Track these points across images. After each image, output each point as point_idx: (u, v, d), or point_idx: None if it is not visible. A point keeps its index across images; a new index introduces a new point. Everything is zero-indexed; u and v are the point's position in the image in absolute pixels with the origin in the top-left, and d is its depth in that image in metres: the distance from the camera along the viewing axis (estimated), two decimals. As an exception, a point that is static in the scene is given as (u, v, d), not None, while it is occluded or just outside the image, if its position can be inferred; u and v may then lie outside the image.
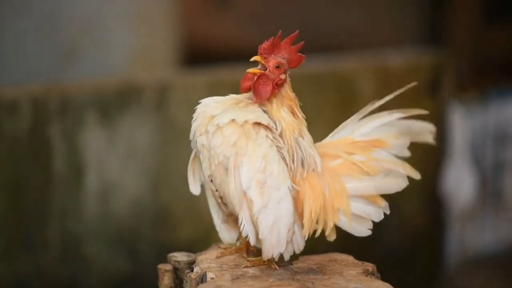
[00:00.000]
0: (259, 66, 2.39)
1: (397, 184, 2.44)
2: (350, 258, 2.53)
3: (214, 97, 2.43)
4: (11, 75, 4.46)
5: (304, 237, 2.40)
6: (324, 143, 2.49)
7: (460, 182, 5.20)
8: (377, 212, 2.45)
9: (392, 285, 2.34)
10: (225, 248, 2.55)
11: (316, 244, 2.57)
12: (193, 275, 2.43)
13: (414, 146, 2.54)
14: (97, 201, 4.10)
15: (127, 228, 4.16)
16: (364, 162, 2.42)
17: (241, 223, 2.35)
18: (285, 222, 2.34)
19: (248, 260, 2.46)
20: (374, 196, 2.44)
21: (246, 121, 2.34)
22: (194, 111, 2.46)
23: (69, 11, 4.57)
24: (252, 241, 2.37)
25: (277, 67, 2.37)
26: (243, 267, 2.43)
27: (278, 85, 2.38)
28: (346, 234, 2.67)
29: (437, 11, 5.97)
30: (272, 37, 2.40)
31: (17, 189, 3.96)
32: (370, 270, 2.46)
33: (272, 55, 2.38)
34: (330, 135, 2.50)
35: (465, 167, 5.26)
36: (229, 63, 4.72)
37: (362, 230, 2.45)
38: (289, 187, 2.34)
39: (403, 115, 2.48)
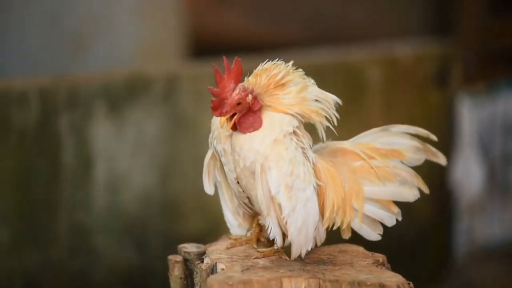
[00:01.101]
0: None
1: (411, 194, 2.52)
2: (361, 249, 2.53)
3: None
4: (19, 68, 4.46)
5: (324, 228, 2.43)
6: (345, 142, 2.50)
7: (468, 173, 5.19)
8: (390, 217, 2.50)
9: (401, 276, 2.36)
10: (235, 239, 2.55)
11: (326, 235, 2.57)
12: (203, 266, 2.43)
13: (423, 138, 2.56)
14: (106, 193, 4.10)
15: (136, 220, 4.16)
16: (382, 168, 2.46)
17: (268, 227, 2.38)
18: (312, 221, 2.37)
19: (258, 251, 2.46)
20: (388, 202, 2.49)
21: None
22: (202, 102, 2.45)
23: (77, 3, 4.57)
24: (280, 243, 2.40)
25: (239, 103, 2.33)
26: (254, 258, 2.43)
27: (256, 106, 2.34)
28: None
29: (445, 2, 5.96)
30: (211, 90, 2.35)
31: (26, 181, 3.97)
32: (381, 261, 2.45)
33: (225, 102, 2.33)
34: (352, 139, 2.51)
35: (473, 158, 5.26)
36: (236, 54, 4.71)
37: (373, 234, 2.50)
38: (314, 186, 2.37)
39: (422, 133, 2.52)
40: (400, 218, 2.51)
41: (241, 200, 2.47)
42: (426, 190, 2.53)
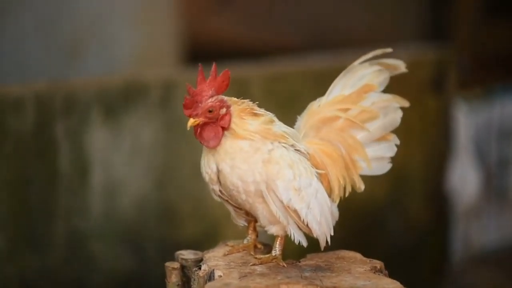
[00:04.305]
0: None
1: (397, 117, 2.55)
2: (358, 256, 2.54)
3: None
4: (15, 73, 4.46)
5: (336, 202, 2.50)
6: (319, 108, 2.52)
7: (464, 179, 5.20)
8: (390, 147, 2.56)
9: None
10: (232, 246, 2.55)
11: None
12: (201, 273, 2.43)
13: (419, 143, 2.58)
14: (103, 199, 4.10)
15: (132, 226, 4.16)
16: (362, 113, 2.51)
17: (291, 235, 2.42)
18: (327, 207, 2.44)
19: (256, 258, 2.46)
20: (382, 136, 2.55)
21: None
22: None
23: (73, 9, 4.57)
24: (305, 243, 2.44)
25: (210, 111, 2.36)
26: (251, 265, 2.43)
27: (225, 123, 2.37)
28: (351, 232, 2.68)
29: (440, 7, 5.96)
30: (188, 88, 2.38)
31: (22, 187, 3.96)
32: (378, 267, 2.46)
33: (198, 105, 2.36)
34: (326, 95, 2.55)
35: (470, 163, 5.26)
36: (233, 60, 4.72)
37: (383, 166, 2.56)
38: (316, 176, 2.43)
39: (374, 55, 2.58)
40: (398, 142, 2.55)
41: (239, 215, 2.52)
42: (406, 104, 2.56)
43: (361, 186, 2.54)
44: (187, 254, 2.57)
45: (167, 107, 4.20)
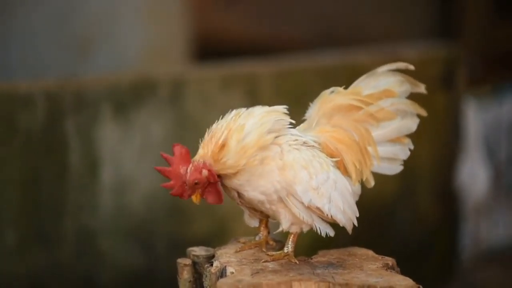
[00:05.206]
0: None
1: (413, 123, 2.56)
2: (370, 252, 2.53)
3: None
4: (26, 70, 4.46)
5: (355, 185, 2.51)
6: (333, 96, 2.51)
7: (474, 176, 5.19)
8: (403, 150, 2.57)
9: (407, 279, 2.36)
10: (244, 243, 2.55)
11: (334, 239, 2.57)
12: (213, 269, 2.43)
13: (429, 141, 2.59)
14: (112, 195, 4.10)
15: (142, 223, 4.16)
16: (380, 110, 2.52)
17: (317, 230, 2.43)
18: (348, 193, 2.45)
19: (267, 255, 2.46)
20: (397, 137, 2.57)
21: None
22: (208, 105, 2.48)
23: (83, 6, 4.57)
24: (332, 233, 2.45)
25: (196, 183, 2.37)
26: (263, 262, 2.43)
27: (214, 179, 2.37)
28: (361, 229, 2.68)
29: (449, 4, 5.95)
30: (166, 186, 2.41)
31: (32, 183, 3.97)
32: (390, 264, 2.45)
33: (184, 185, 2.38)
34: (342, 88, 2.55)
35: (479, 160, 5.25)
36: (242, 57, 4.72)
37: (395, 167, 2.57)
38: (332, 166, 2.43)
39: (398, 67, 2.58)
40: (412, 146, 2.57)
41: (254, 215, 2.53)
42: (424, 113, 2.57)
43: (371, 182, 2.54)
44: (198, 251, 2.56)
45: (177, 104, 4.21)
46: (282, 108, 2.43)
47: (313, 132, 2.49)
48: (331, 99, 2.52)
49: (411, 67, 2.57)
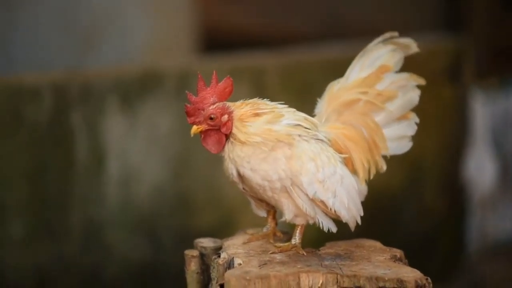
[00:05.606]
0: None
1: (415, 95, 2.57)
2: (378, 244, 2.53)
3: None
4: (32, 62, 4.46)
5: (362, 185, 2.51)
6: (340, 92, 2.53)
7: (481, 169, 5.18)
8: (410, 125, 2.58)
9: (414, 272, 2.36)
10: (251, 234, 2.55)
11: (340, 231, 2.57)
12: (220, 261, 2.43)
13: (436, 133, 2.59)
14: (119, 188, 4.10)
15: (148, 215, 4.16)
16: (381, 93, 2.53)
17: (319, 224, 2.44)
18: (354, 191, 2.45)
19: (275, 246, 2.46)
20: (402, 115, 2.58)
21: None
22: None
23: (89, -2, 4.57)
24: (335, 229, 2.45)
25: (211, 118, 2.38)
26: (271, 253, 2.43)
27: (226, 129, 2.38)
28: (366, 221, 2.68)
29: (456, -3, 5.93)
30: (188, 96, 2.41)
31: (39, 176, 3.97)
32: (398, 256, 2.45)
33: (200, 112, 2.40)
34: (345, 77, 2.56)
35: (486, 153, 5.24)
36: (248, 49, 4.71)
37: (404, 145, 2.58)
38: (340, 162, 2.44)
39: (389, 36, 2.59)
40: (417, 120, 2.57)
41: (260, 206, 2.53)
42: (423, 82, 2.57)
43: (383, 166, 2.55)
44: (206, 242, 2.57)
45: (183, 96, 4.19)
46: (318, 123, 2.47)
47: (323, 128, 2.49)
48: (339, 95, 2.53)
49: (395, 33, 2.57)
